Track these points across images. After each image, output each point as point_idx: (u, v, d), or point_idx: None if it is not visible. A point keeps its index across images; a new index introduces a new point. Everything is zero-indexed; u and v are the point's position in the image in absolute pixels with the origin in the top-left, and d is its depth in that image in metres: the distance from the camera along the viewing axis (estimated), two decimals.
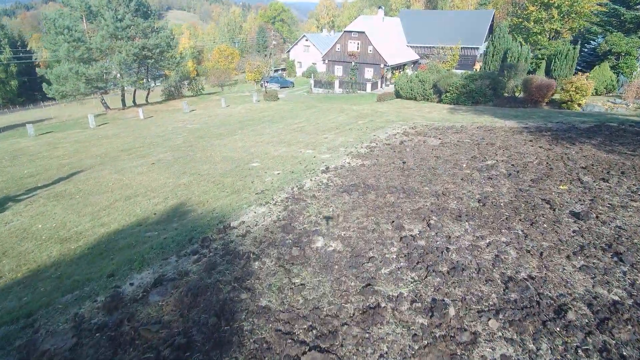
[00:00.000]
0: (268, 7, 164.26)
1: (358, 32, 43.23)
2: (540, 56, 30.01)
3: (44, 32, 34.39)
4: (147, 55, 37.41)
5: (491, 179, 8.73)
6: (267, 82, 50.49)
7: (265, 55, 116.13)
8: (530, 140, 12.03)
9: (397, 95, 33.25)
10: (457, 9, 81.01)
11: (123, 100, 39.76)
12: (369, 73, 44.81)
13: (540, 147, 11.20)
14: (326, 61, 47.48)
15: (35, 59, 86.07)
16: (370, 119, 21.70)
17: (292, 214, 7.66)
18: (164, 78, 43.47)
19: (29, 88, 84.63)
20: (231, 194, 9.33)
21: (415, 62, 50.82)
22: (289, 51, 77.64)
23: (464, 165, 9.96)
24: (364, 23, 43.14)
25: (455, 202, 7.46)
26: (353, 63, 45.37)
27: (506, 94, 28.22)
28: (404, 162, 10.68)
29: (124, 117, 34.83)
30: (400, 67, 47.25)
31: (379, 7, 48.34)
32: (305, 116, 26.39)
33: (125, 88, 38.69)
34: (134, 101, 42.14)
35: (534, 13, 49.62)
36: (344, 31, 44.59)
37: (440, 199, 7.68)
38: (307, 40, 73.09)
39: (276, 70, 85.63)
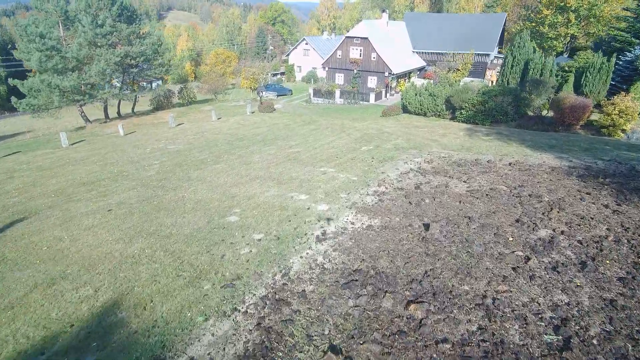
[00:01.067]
0: (268, 7, 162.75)
1: (361, 37, 40.96)
2: (567, 69, 27.53)
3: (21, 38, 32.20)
4: (130, 64, 35.09)
5: (558, 271, 6.23)
6: (263, 90, 48.18)
7: (264, 59, 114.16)
8: (588, 193, 9.52)
9: (404, 109, 30.85)
10: (463, 11, 78.91)
11: (106, 112, 37.40)
12: (372, 82, 42.51)
13: (604, 205, 8.70)
14: (326, 68, 45.21)
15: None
16: (376, 143, 19.29)
17: (269, 341, 5.19)
18: (151, 87, 41.13)
19: (20, 94, 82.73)
20: (188, 283, 6.85)
21: (421, 69, 48.52)
22: (288, 55, 75.49)
23: (510, 238, 7.47)
24: (366, 28, 40.89)
25: (517, 330, 4.96)
26: (355, 71, 43.08)
27: (530, 113, 25.68)
28: (425, 226, 8.20)
29: (104, 132, 32.46)
30: (406, 75, 44.96)
31: (383, 11, 46.08)
32: (302, 136, 24.04)
33: (108, 99, 36.34)
34: (118, 112, 39.82)
35: (548, 17, 47.32)
36: (346, 37, 42.32)
37: (492, 319, 5.18)
38: (306, 43, 70.95)
39: (275, 74, 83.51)
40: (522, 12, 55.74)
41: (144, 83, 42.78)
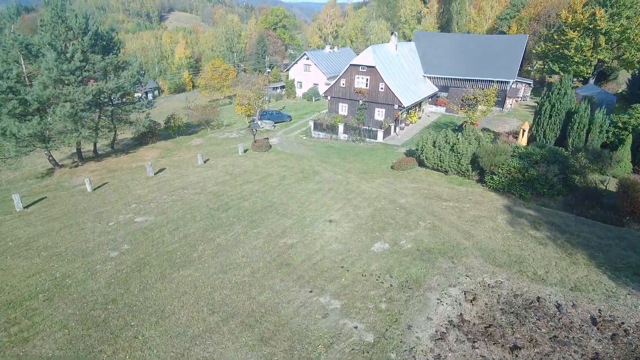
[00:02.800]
0: (269, 12, 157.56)
1: (367, 66, 36.06)
2: (622, 125, 22.45)
3: None
4: (105, 101, 30.36)
5: None
6: (258, 122, 43.31)
7: (264, 71, 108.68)
8: None
9: (420, 162, 26.03)
10: (474, 24, 73.67)
11: (79, 154, 32.56)
12: (379, 114, 37.64)
13: None
14: (329, 97, 40.31)
15: None
16: (392, 235, 15.04)
17: None
18: (146, 96, 36.01)
19: None
20: None
21: (433, 96, 43.51)
22: (288, 69, 70.50)
23: None
24: (374, 56, 35.97)
25: None
26: (360, 102, 38.24)
27: (580, 184, 20.55)
28: None
29: (71, 184, 27.72)
30: (417, 104, 40.02)
31: (392, 33, 41.00)
32: (299, 204, 20.03)
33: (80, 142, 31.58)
34: (94, 150, 34.98)
35: (575, 40, 42.22)
36: (350, 64, 37.37)
37: None
38: (307, 59, 65.95)
39: (274, 88, 78.58)
40: (542, 31, 50.49)
41: (137, 94, 37.50)
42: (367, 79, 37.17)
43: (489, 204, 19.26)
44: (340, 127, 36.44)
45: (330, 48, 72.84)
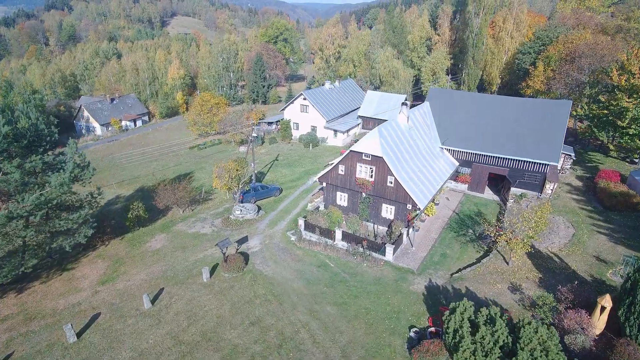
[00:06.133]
0: (270, 25, 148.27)
1: (373, 155, 27.42)
2: None
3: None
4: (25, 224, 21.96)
5: None
6: (240, 198, 34.80)
7: (256, 99, 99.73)
8: None
9: (450, 348, 17.39)
10: (492, 55, 64.33)
11: None
12: (387, 211, 29.07)
13: None
14: (324, 184, 31.72)
15: None
16: None
17: None
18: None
19: None
20: None
21: (453, 173, 34.60)
22: (283, 109, 61.73)
23: None
24: (381, 142, 27.12)
25: None
26: (364, 195, 29.70)
27: None
28: None
29: None
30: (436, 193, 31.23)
31: (403, 104, 32.09)
32: None
33: None
34: (17, 272, 26.25)
35: (631, 109, 33.22)
36: (351, 150, 28.59)
37: None
38: (304, 99, 57.22)
39: (270, 123, 69.93)
40: (587, 91, 41.23)
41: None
42: (372, 169, 28.48)
43: None
44: (338, 234, 27.79)
45: (331, 83, 63.97)
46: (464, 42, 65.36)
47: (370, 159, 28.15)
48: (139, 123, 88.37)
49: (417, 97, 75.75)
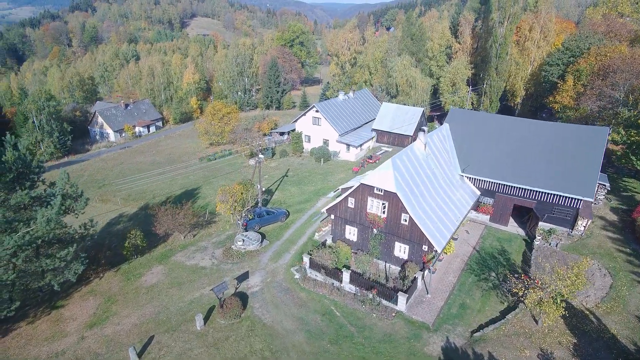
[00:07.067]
0: (287, 28, 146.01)
1: (385, 191, 24.64)
2: None
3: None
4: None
5: None
6: (244, 226, 32.55)
7: (270, 105, 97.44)
8: None
9: None
10: (516, 67, 60.26)
11: None
12: (401, 250, 26.27)
13: None
14: (332, 216, 29.11)
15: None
16: None
17: None
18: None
19: None
20: None
21: (475, 202, 31.31)
22: (295, 121, 59.30)
23: None
24: (396, 175, 24.34)
25: None
26: (375, 231, 26.99)
27: None
28: None
29: None
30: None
31: (421, 130, 29.08)
32: None
33: None
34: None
35: None
36: (361, 184, 25.87)
37: None
38: (317, 111, 54.63)
39: (282, 134, 67.66)
40: (624, 113, 37.17)
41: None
42: (384, 205, 25.72)
43: None
44: (346, 276, 25.15)
45: (345, 94, 61.15)
46: (487, 51, 61.46)
47: (382, 193, 25.38)
48: (152, 129, 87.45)
49: (435, 108, 72.18)
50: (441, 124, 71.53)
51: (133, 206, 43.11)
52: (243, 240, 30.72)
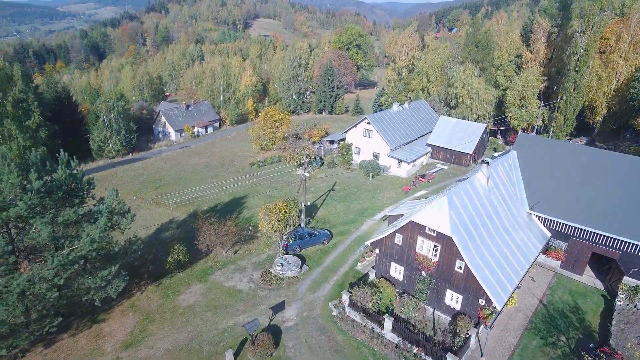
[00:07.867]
0: (344, 31, 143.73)
1: (439, 232, 21.58)
2: None
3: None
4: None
5: None
6: (285, 247, 31.13)
7: (323, 109, 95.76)
8: None
9: None
10: (599, 81, 52.79)
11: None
12: (453, 300, 23.05)
13: None
14: (375, 250, 26.54)
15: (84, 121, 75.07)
16: None
17: None
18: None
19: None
20: None
21: (544, 246, 26.93)
22: (346, 132, 57.06)
23: None
24: (452, 215, 21.26)
25: None
26: (424, 274, 24.04)
27: None
28: None
29: None
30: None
31: (485, 162, 25.53)
32: None
33: None
34: None
35: None
36: (410, 221, 23.02)
37: None
38: (368, 123, 51.91)
39: (331, 142, 65.75)
40: None
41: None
42: (436, 248, 22.75)
43: None
44: (388, 323, 22.58)
45: (400, 105, 57.71)
46: (563, 62, 54.58)
47: (435, 234, 22.44)
48: (210, 129, 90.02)
49: (498, 122, 65.99)
50: (505, 139, 65.38)
51: (183, 212, 43.63)
52: (282, 264, 29.24)
